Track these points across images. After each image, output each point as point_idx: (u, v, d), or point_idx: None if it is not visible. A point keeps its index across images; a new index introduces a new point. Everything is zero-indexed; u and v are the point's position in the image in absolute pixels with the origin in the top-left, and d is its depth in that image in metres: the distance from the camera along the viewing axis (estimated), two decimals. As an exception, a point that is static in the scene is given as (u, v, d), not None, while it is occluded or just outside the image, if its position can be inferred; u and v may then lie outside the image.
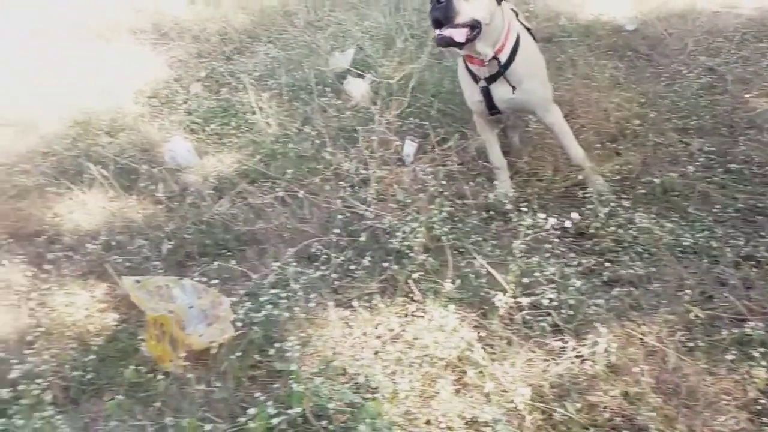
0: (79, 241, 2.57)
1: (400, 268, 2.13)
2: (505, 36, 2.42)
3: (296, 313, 2.01)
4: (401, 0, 4.92)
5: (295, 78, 3.91)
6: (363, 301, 2.02)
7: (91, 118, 3.43)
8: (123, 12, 5.31)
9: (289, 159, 3.05)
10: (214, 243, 2.54)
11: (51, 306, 2.21)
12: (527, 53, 2.49)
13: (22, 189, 2.84)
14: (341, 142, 3.07)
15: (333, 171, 2.85)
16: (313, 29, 4.93)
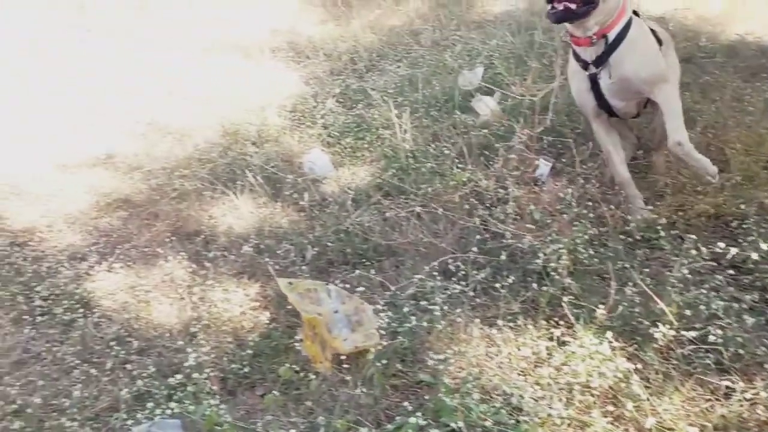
0: (232, 242, 2.71)
1: (544, 290, 2.08)
2: (618, 14, 2.35)
3: (439, 326, 2.00)
4: (528, 19, 4.86)
5: (424, 95, 3.94)
6: (507, 321, 1.98)
7: (239, 129, 3.62)
8: (261, 32, 5.61)
9: (422, 174, 3.07)
10: (353, 252, 2.60)
11: (210, 301, 2.34)
12: (637, 35, 2.39)
13: (182, 192, 3.04)
14: (473, 158, 3.05)
15: (467, 187, 2.83)
16: (440, 48, 4.96)
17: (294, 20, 6.15)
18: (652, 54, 2.45)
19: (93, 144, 3.62)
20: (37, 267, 2.54)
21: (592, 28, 2.33)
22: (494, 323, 2.00)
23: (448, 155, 3.20)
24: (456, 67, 4.36)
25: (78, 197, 3.09)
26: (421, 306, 2.15)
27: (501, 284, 2.12)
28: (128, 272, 2.51)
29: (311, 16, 6.33)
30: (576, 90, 2.57)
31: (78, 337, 2.19)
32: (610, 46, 2.36)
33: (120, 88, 4.31)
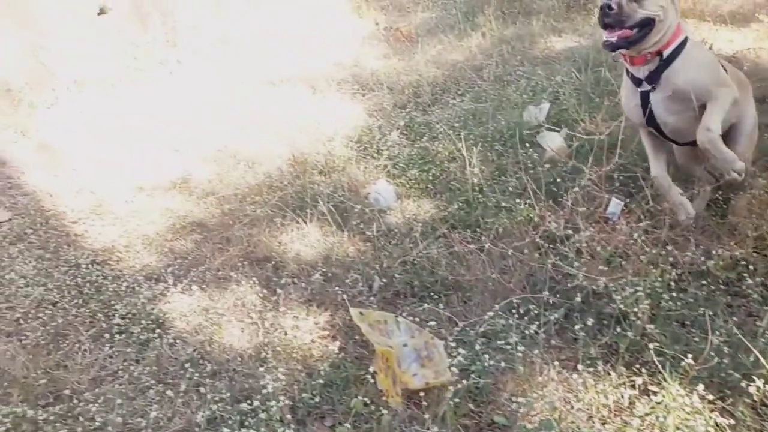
0: (301, 269, 2.72)
1: (623, 335, 1.98)
2: (674, 34, 2.35)
3: (515, 367, 1.93)
4: (594, 56, 4.79)
5: (489, 129, 3.91)
6: (586, 365, 1.90)
7: (307, 158, 3.66)
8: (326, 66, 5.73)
9: (488, 208, 3.02)
10: (420, 285, 2.56)
11: (281, 327, 2.34)
12: (693, 49, 2.40)
13: (253, 217, 3.08)
14: (541, 195, 2.98)
15: (534, 225, 2.76)
16: (503, 83, 4.94)
17: (357, 55, 6.26)
18: (708, 62, 2.44)
19: (169, 169, 3.74)
20: (117, 286, 2.60)
21: (649, 48, 2.34)
22: (573, 367, 1.91)
23: (514, 190, 3.16)
24: (520, 102, 4.32)
25: (154, 219, 3.18)
26: (494, 345, 2.08)
27: (578, 327, 2.03)
28: (202, 294, 2.54)
29: (374, 51, 6.43)
30: (625, 104, 2.60)
31: (153, 357, 2.22)
32: (664, 62, 2.35)
33: (198, 116, 4.45)
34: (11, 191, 3.43)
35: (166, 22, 5.31)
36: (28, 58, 4.24)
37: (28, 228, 3.05)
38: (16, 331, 2.37)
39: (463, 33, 6.56)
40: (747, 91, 2.61)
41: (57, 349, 2.29)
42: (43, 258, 2.82)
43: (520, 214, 2.90)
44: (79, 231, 3.08)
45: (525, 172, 3.33)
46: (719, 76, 2.42)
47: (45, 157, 3.85)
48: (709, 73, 2.41)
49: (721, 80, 2.40)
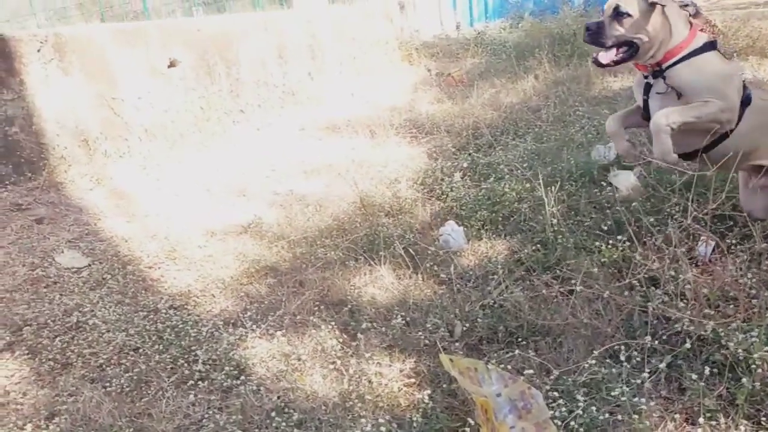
0: (378, 313, 2.62)
1: (739, 385, 1.80)
2: (679, 45, 2.40)
3: (625, 419, 1.77)
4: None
5: (556, 169, 3.80)
6: (706, 418, 1.72)
7: (373, 201, 3.62)
8: (382, 111, 5.76)
9: (567, 250, 2.89)
10: (505, 330, 2.43)
11: (364, 374, 2.24)
12: (703, 62, 2.40)
13: (325, 261, 3.02)
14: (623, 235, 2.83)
15: (625, 266, 2.61)
16: (563, 123, 4.85)
17: (411, 100, 6.29)
18: (715, 73, 2.41)
19: (239, 214, 3.75)
20: (197, 331, 2.55)
21: (648, 61, 2.42)
22: (691, 421, 1.74)
23: (591, 231, 3.02)
24: (585, 141, 4.22)
25: (228, 263, 3.15)
26: (598, 395, 1.92)
27: (691, 376, 1.86)
28: (281, 339, 2.46)
29: (427, 96, 6.47)
30: (634, 86, 2.70)
31: (238, 405, 2.13)
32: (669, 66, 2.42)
33: (263, 162, 4.50)
34: (88, 237, 3.48)
35: (230, 74, 5.45)
36: (104, 108, 4.39)
37: (106, 273, 3.06)
38: (100, 378, 2.33)
39: (515, 76, 6.56)
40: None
41: (141, 396, 2.23)
42: (123, 303, 2.81)
43: (604, 255, 2.76)
44: (155, 276, 3.08)
45: (599, 211, 3.21)
46: (720, 90, 2.39)
47: (119, 204, 3.92)
48: (709, 82, 2.40)
49: (719, 93, 2.39)
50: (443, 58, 8.07)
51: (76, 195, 3.94)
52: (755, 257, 2.34)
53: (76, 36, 4.17)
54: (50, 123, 4.02)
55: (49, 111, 4.01)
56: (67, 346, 2.47)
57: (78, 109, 4.22)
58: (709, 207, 2.37)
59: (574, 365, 2.12)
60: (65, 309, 2.73)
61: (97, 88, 4.34)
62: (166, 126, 4.76)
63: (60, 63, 4.06)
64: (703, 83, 2.40)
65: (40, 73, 3.94)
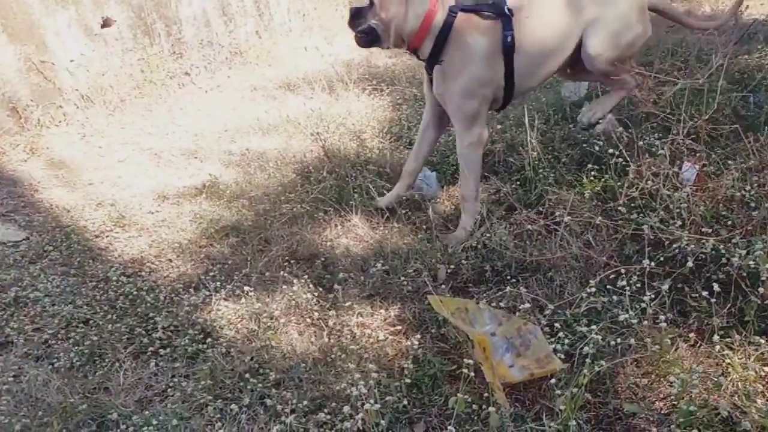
0: (354, 264, 2.43)
1: (747, 301, 1.70)
2: (418, 34, 2.37)
3: (636, 345, 1.64)
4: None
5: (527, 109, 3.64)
6: (719, 335, 1.60)
7: (339, 152, 3.39)
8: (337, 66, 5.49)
9: (547, 185, 2.74)
10: (492, 270, 2.27)
11: (346, 326, 2.05)
12: (456, 54, 2.37)
13: (291, 216, 2.80)
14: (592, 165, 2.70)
15: (609, 197, 2.48)
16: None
17: (368, 54, 6.01)
18: (466, 84, 2.39)
19: (193, 176, 3.47)
20: (153, 297, 2.30)
21: (398, 46, 2.47)
22: (703, 340, 1.62)
23: (568, 166, 2.89)
24: (554, 81, 4.07)
25: (184, 227, 2.89)
26: (601, 325, 1.79)
27: (695, 296, 1.74)
28: (249, 299, 2.25)
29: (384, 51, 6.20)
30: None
31: (207, 370, 1.91)
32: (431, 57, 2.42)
33: (215, 124, 4.20)
34: (25, 210, 3.15)
35: (171, 33, 5.07)
36: (33, 73, 3.99)
37: (47, 245, 2.76)
38: (46, 354, 2.08)
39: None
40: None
41: (94, 370, 1.99)
42: (68, 275, 2.53)
43: (586, 187, 2.63)
44: (103, 245, 2.80)
45: (576, 147, 3.08)
46: (470, 102, 2.41)
47: (58, 174, 3.58)
48: (461, 96, 2.41)
49: (469, 107, 2.42)
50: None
51: (8, 167, 3.58)
52: (749, 172, 2.24)
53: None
54: (-30, 89, 3.62)
55: (-32, 76, 3.61)
56: (5, 324, 2.20)
57: (3, 75, 3.81)
58: (703, 117, 2.24)
59: (570, 298, 1.98)
60: (1, 284, 2.43)
61: (23, 50, 3.93)
62: (105, 90, 4.37)
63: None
64: (455, 90, 2.40)
65: (-47, 33, 3.53)
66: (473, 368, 1.65)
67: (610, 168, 2.60)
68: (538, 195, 2.68)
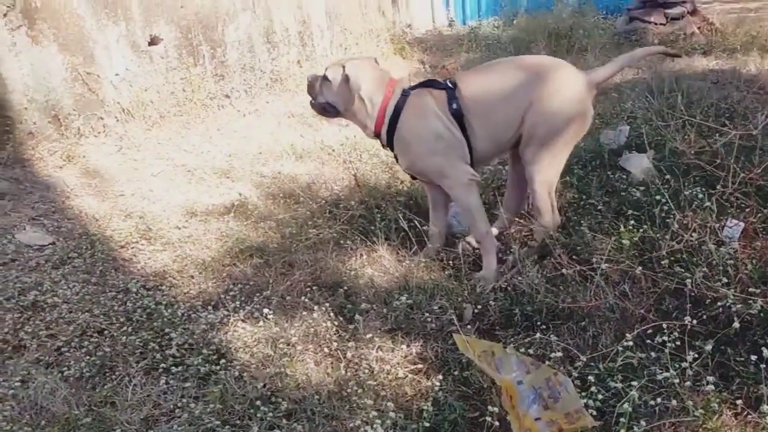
0: (376, 295, 2.34)
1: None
2: (378, 117, 2.46)
3: (676, 408, 1.51)
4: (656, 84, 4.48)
5: (563, 154, 3.57)
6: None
7: (369, 181, 3.34)
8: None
9: (582, 231, 2.63)
10: (521, 314, 2.16)
11: (364, 360, 1.95)
12: (406, 130, 2.44)
13: (316, 241, 2.74)
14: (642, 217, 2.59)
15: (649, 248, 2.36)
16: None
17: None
18: (421, 153, 2.44)
19: (223, 195, 3.45)
20: (171, 313, 2.24)
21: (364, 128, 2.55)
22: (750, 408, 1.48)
23: (605, 214, 2.78)
24: (592, 127, 3.99)
25: (209, 244, 2.85)
26: (636, 381, 1.66)
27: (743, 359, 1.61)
28: (267, 323, 2.17)
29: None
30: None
31: (217, 393, 1.83)
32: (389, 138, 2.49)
33: (249, 145, 4.21)
34: (54, 215, 3.15)
35: (216, 55, 5.16)
36: (78, 84, 4.06)
37: (72, 252, 2.74)
38: (57, 362, 2.02)
39: (512, 69, 6.34)
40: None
41: (103, 382, 1.92)
42: (89, 282, 2.49)
43: (624, 236, 2.51)
44: (127, 255, 2.77)
45: (614, 194, 2.98)
46: (435, 159, 2.43)
47: (91, 183, 3.59)
48: (414, 155, 2.46)
49: (441, 162, 2.42)
50: (437, 52, 7.84)
51: (43, 172, 3.61)
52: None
53: (48, 3, 3.85)
54: (17, 95, 3.68)
55: (15, 82, 3.68)
56: (20, 327, 2.15)
57: (49, 83, 3.89)
58: (755, 171, 2.13)
59: (604, 350, 1.86)
60: (21, 287, 2.40)
61: (71, 60, 4.01)
62: (146, 106, 4.43)
63: (30, 31, 3.74)
64: (408, 161, 2.50)
65: (7, 40, 3.61)
66: (497, 417, 1.54)
67: (650, 218, 2.50)
68: (573, 241, 2.57)
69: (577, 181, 3.20)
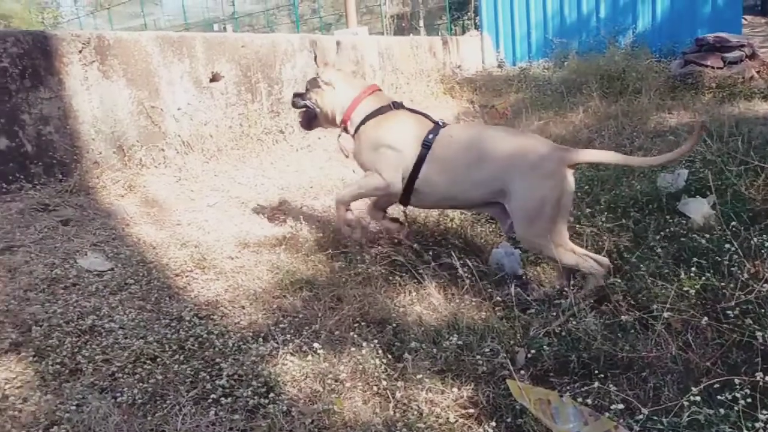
0: (425, 334, 2.29)
1: None
2: (346, 113, 2.93)
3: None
4: (714, 128, 4.35)
5: (618, 196, 3.47)
6: None
7: (418, 218, 3.33)
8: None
9: (640, 277, 2.53)
10: (577, 361, 2.07)
11: (414, 401, 1.90)
12: (362, 134, 2.84)
13: (365, 276, 2.72)
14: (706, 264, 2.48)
15: (711, 297, 2.24)
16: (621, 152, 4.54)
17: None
18: (370, 145, 2.80)
19: (274, 227, 3.49)
20: (222, 343, 2.25)
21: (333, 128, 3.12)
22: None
23: (664, 260, 2.67)
24: (646, 170, 3.89)
25: (260, 275, 2.87)
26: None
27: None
28: (315, 357, 2.15)
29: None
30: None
31: (265, 427, 1.80)
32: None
33: (301, 179, 4.27)
34: (114, 242, 3.25)
35: (272, 92, 5.31)
36: (143, 117, 4.24)
37: (129, 278, 2.80)
38: (111, 387, 2.04)
39: (563, 110, 6.30)
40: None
41: (154, 410, 1.92)
42: (144, 309, 2.54)
43: (685, 284, 2.39)
44: (181, 284, 2.81)
45: (672, 240, 2.86)
46: (374, 161, 2.78)
47: (150, 212, 3.70)
48: (364, 154, 2.83)
49: (374, 166, 2.78)
50: (486, 92, 7.88)
51: (106, 200, 3.74)
52: None
53: (120, 40, 4.06)
54: (86, 126, 3.87)
55: (85, 114, 3.87)
56: (78, 351, 2.19)
57: (116, 115, 4.07)
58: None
59: (667, 404, 1.75)
60: (81, 311, 2.46)
61: (137, 94, 4.20)
62: (205, 139, 4.59)
63: (101, 66, 3.94)
64: (363, 157, 2.84)
65: (80, 75, 3.82)
66: (555, 470, 1.45)
67: (713, 265, 2.38)
68: (630, 287, 2.47)
69: (633, 225, 3.10)
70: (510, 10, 9.78)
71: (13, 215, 3.35)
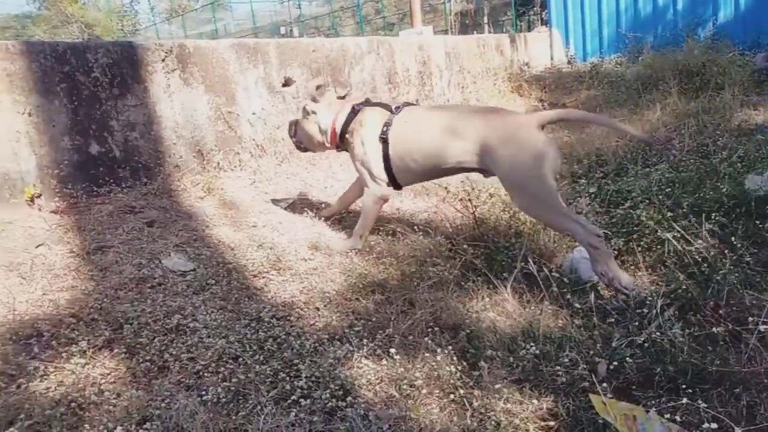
0: (500, 342, 2.25)
1: None
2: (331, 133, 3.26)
3: None
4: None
5: (702, 199, 3.29)
6: None
7: (489, 220, 3.27)
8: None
9: (730, 286, 2.38)
10: (662, 374, 1.97)
11: (490, 410, 1.87)
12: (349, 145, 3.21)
13: (437, 280, 2.70)
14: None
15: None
16: (700, 154, 4.31)
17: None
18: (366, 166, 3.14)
19: (344, 230, 3.53)
20: (300, 344, 2.29)
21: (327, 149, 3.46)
22: None
23: (754, 266, 2.51)
24: (731, 171, 3.67)
25: (333, 277, 2.91)
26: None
27: None
28: (390, 362, 2.15)
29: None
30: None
31: (344, 430, 1.82)
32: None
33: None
34: (195, 243, 3.38)
35: (341, 95, 5.37)
36: (220, 122, 4.39)
37: (210, 279, 2.91)
38: (196, 385, 2.12)
39: (638, 107, 6.04)
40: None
41: (237, 409, 1.98)
42: (225, 309, 2.62)
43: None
44: (259, 285, 2.89)
45: (763, 246, 2.69)
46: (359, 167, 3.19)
47: (228, 213, 3.83)
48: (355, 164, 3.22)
49: (364, 167, 3.15)
50: (555, 90, 7.66)
51: (187, 202, 3.90)
52: None
53: (199, 48, 4.22)
54: (168, 131, 4.05)
55: (168, 119, 4.04)
56: (165, 348, 2.29)
57: (195, 120, 4.24)
58: None
59: (764, 423, 1.64)
60: (167, 310, 2.57)
61: (215, 100, 4.36)
62: (277, 142, 4.70)
63: (182, 74, 4.11)
64: (355, 165, 3.22)
65: (163, 82, 3.99)
66: (645, 491, 1.39)
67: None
68: (719, 297, 2.34)
69: (719, 230, 2.93)
70: (580, 5, 9.46)
71: (103, 217, 3.55)
